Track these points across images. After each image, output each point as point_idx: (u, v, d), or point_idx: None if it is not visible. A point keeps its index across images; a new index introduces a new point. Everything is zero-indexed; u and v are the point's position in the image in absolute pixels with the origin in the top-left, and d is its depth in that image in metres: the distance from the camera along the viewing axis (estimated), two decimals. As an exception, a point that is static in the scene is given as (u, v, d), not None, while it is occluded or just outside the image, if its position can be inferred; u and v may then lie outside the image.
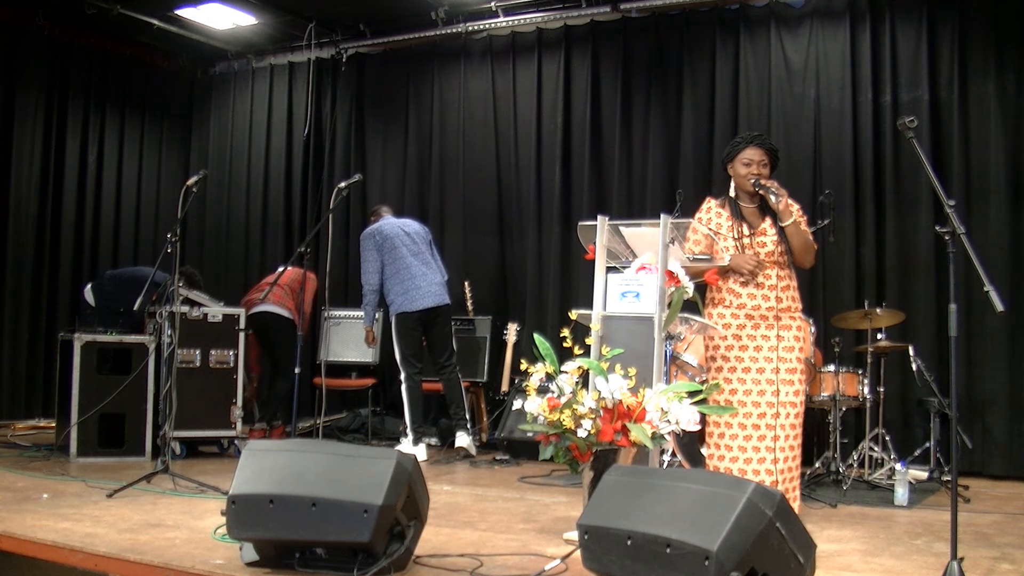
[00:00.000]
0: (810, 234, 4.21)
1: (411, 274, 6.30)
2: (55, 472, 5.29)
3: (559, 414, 3.51)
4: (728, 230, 4.19)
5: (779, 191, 4.10)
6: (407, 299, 6.28)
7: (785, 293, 4.13)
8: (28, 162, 7.96)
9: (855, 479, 5.28)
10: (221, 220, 8.97)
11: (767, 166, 4.18)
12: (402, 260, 6.32)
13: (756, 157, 4.16)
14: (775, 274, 4.12)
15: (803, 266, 4.24)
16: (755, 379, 4.11)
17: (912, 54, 6.29)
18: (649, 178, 7.01)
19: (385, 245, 6.34)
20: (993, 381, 5.92)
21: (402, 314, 6.29)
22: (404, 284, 6.29)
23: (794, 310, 4.18)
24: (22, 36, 7.92)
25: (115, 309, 6.24)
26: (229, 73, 9.16)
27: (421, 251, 6.42)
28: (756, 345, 4.12)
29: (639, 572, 2.65)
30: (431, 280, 6.35)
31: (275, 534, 3.05)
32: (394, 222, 6.53)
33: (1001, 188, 5.98)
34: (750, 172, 4.16)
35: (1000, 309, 3.11)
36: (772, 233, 4.16)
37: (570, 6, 7.45)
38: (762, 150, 4.16)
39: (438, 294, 6.37)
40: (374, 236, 6.38)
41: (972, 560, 3.44)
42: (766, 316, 4.11)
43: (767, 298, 4.11)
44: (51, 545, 3.49)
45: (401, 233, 6.41)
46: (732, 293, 4.16)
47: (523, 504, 4.69)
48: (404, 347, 6.31)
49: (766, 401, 4.09)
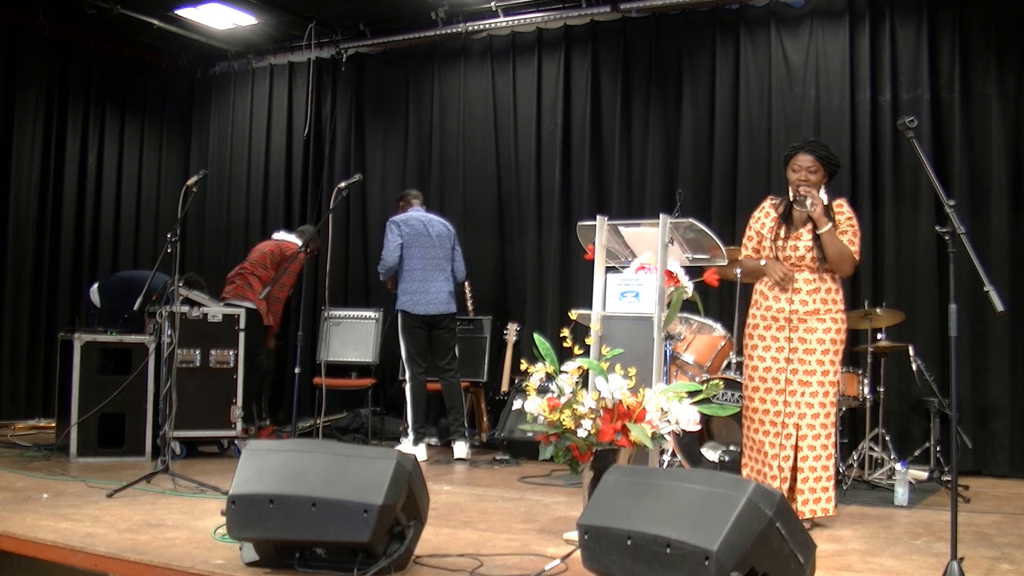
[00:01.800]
0: (852, 244, 4.19)
1: (421, 277, 6.31)
2: (55, 472, 5.29)
3: (559, 414, 3.51)
4: (769, 231, 4.27)
5: (815, 200, 4.13)
6: (412, 301, 6.30)
7: (812, 296, 4.16)
8: (28, 162, 7.95)
9: (855, 479, 5.28)
10: (221, 220, 8.97)
11: (816, 172, 4.19)
12: (417, 261, 6.33)
13: (804, 163, 4.19)
14: (803, 278, 4.18)
15: (840, 274, 4.24)
16: (762, 378, 4.21)
17: (912, 54, 6.29)
18: (649, 178, 7.01)
19: (406, 241, 6.35)
20: (993, 381, 5.92)
21: (405, 312, 6.31)
22: (412, 286, 6.31)
23: (823, 312, 4.17)
24: (22, 36, 7.91)
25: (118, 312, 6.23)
26: (229, 73, 9.16)
27: (438, 256, 6.41)
28: (768, 346, 4.21)
29: (639, 572, 2.65)
30: (439, 288, 6.36)
31: (275, 534, 3.05)
32: (421, 218, 6.48)
33: (1001, 188, 5.98)
34: (797, 178, 4.20)
35: (1000, 309, 3.11)
36: (807, 238, 4.19)
37: (570, 6, 7.45)
38: (812, 156, 4.19)
39: (444, 302, 6.38)
40: (400, 227, 6.38)
41: (972, 560, 3.44)
42: (785, 319, 4.17)
43: (791, 301, 4.17)
44: (51, 545, 3.49)
45: (424, 233, 6.40)
46: (763, 296, 4.28)
47: (523, 504, 4.69)
48: (409, 345, 6.32)
49: (772, 400, 4.16)
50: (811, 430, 4.11)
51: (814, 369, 4.13)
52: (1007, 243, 5.94)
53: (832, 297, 4.20)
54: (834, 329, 4.18)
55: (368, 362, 7.42)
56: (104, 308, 6.48)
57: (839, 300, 4.23)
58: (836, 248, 4.14)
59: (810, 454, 4.12)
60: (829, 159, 4.23)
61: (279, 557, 3.11)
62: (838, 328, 4.19)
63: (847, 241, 4.17)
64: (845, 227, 4.19)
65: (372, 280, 8.10)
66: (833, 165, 4.27)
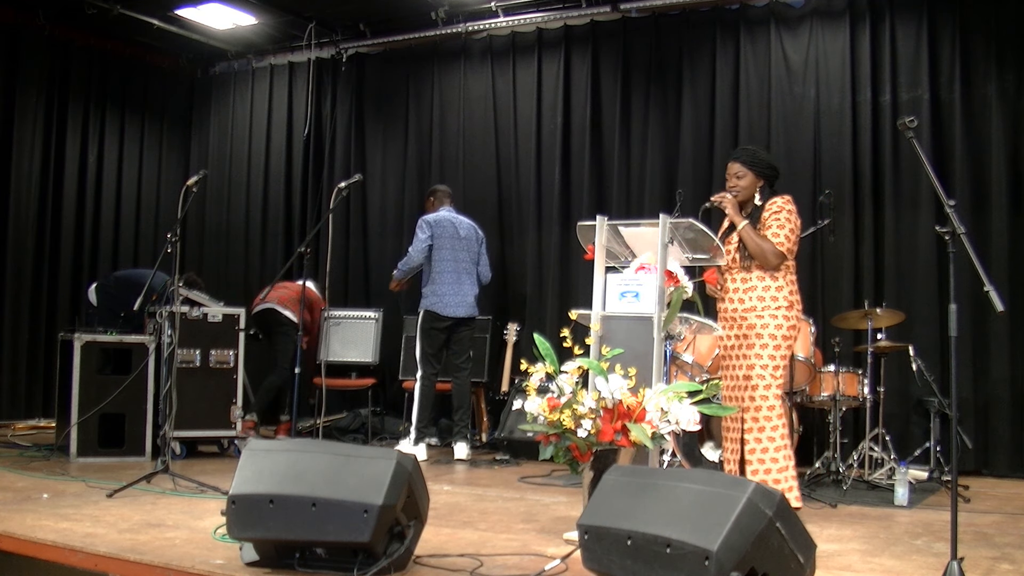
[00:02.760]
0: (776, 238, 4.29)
1: (446, 280, 6.33)
2: (55, 472, 5.29)
3: (559, 414, 3.51)
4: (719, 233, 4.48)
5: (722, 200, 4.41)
6: (441, 303, 6.32)
7: (748, 294, 4.33)
8: (28, 162, 7.96)
9: (855, 479, 5.28)
10: (221, 220, 8.97)
11: (743, 177, 4.42)
12: (447, 263, 6.35)
13: (732, 170, 4.46)
14: (740, 277, 4.38)
15: (767, 267, 4.33)
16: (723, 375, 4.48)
17: (912, 54, 6.29)
18: (648, 178, 7.01)
19: (436, 242, 6.36)
20: (993, 381, 5.92)
21: (429, 312, 6.33)
22: (437, 287, 6.33)
23: (760, 309, 4.29)
24: (22, 36, 7.92)
25: (116, 311, 6.24)
26: (229, 73, 9.16)
27: (466, 259, 6.43)
28: (723, 345, 4.48)
29: (639, 572, 2.65)
30: (467, 291, 6.39)
31: (275, 534, 3.05)
32: (452, 219, 6.49)
33: (1001, 188, 5.98)
34: (728, 185, 4.48)
35: (1000, 309, 3.12)
36: (736, 240, 4.39)
37: (570, 6, 7.45)
38: (738, 163, 4.44)
39: (470, 306, 6.42)
40: (432, 226, 6.39)
41: (972, 560, 3.43)
42: (730, 317, 4.40)
43: (732, 300, 4.39)
44: (51, 545, 3.49)
45: (455, 235, 6.42)
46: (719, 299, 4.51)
47: (523, 504, 4.69)
48: (426, 345, 6.34)
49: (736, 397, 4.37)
50: (755, 423, 4.27)
51: (753, 364, 4.27)
52: (1007, 243, 5.94)
53: (771, 295, 4.30)
54: (773, 324, 4.27)
55: (368, 362, 7.42)
56: (102, 307, 6.50)
57: (780, 296, 4.31)
58: (752, 243, 4.30)
59: (756, 447, 4.25)
60: (754, 163, 4.43)
61: (279, 557, 3.11)
62: (778, 324, 4.27)
63: (771, 235, 4.29)
64: (770, 222, 4.32)
65: (372, 280, 8.11)
66: (761, 168, 4.43)
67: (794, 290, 4.37)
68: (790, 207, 4.37)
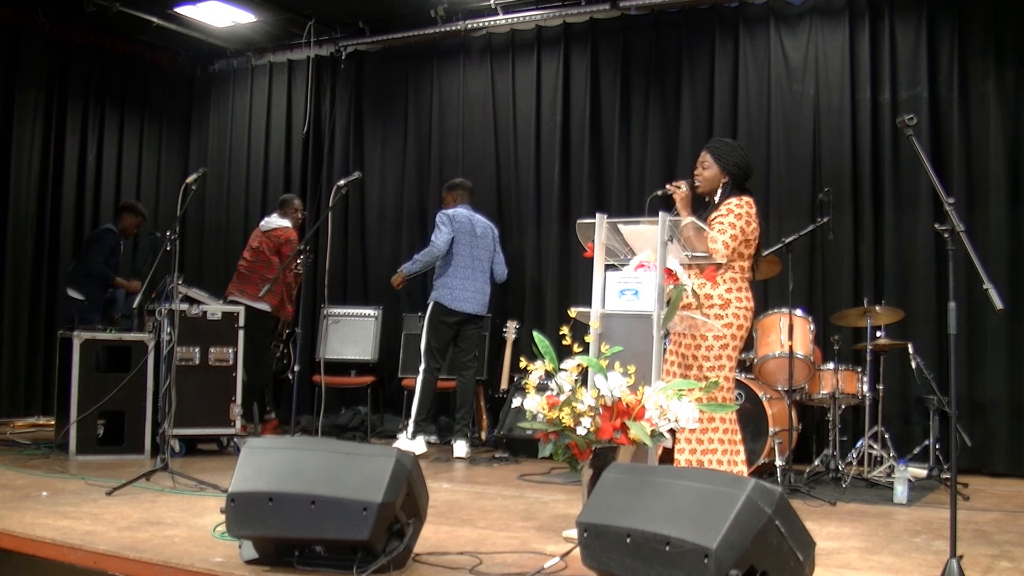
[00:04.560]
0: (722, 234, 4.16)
1: (460, 274, 6.36)
2: (54, 470, 5.29)
3: (558, 412, 3.51)
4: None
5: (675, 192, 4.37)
6: (451, 296, 6.33)
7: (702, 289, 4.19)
8: (28, 160, 7.95)
9: (854, 477, 5.27)
10: (220, 218, 8.96)
11: (709, 168, 4.37)
12: (464, 259, 6.38)
13: (700, 159, 4.44)
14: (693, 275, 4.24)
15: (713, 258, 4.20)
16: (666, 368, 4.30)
17: (911, 52, 6.29)
18: (648, 176, 7.00)
19: (455, 237, 6.39)
20: (992, 379, 5.92)
21: (439, 305, 6.34)
22: (455, 281, 6.35)
23: (716, 297, 4.19)
24: (22, 34, 7.91)
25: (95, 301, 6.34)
26: (228, 71, 9.16)
27: (482, 256, 6.47)
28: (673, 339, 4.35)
29: (638, 570, 2.65)
30: (479, 288, 6.43)
31: (274, 532, 3.06)
32: (468, 215, 6.52)
33: (1000, 186, 5.98)
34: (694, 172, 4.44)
35: (999, 307, 3.11)
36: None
37: (569, 4, 7.44)
38: (708, 153, 4.41)
39: (480, 303, 6.45)
40: (452, 221, 6.41)
41: (971, 558, 3.43)
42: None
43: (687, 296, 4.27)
44: (50, 543, 3.49)
45: (471, 232, 6.45)
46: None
47: (522, 502, 4.70)
48: (432, 339, 6.34)
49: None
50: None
51: (691, 364, 4.20)
52: (1006, 241, 5.94)
53: (719, 292, 4.19)
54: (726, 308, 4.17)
55: (367, 360, 7.43)
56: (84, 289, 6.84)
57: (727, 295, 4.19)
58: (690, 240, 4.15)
59: (685, 447, 4.11)
60: (722, 157, 4.36)
61: (278, 555, 3.11)
62: (726, 323, 4.15)
63: (717, 231, 4.15)
64: (715, 224, 4.22)
65: (371, 278, 8.11)
66: (728, 164, 4.34)
67: (731, 287, 4.21)
68: (744, 210, 4.21)
